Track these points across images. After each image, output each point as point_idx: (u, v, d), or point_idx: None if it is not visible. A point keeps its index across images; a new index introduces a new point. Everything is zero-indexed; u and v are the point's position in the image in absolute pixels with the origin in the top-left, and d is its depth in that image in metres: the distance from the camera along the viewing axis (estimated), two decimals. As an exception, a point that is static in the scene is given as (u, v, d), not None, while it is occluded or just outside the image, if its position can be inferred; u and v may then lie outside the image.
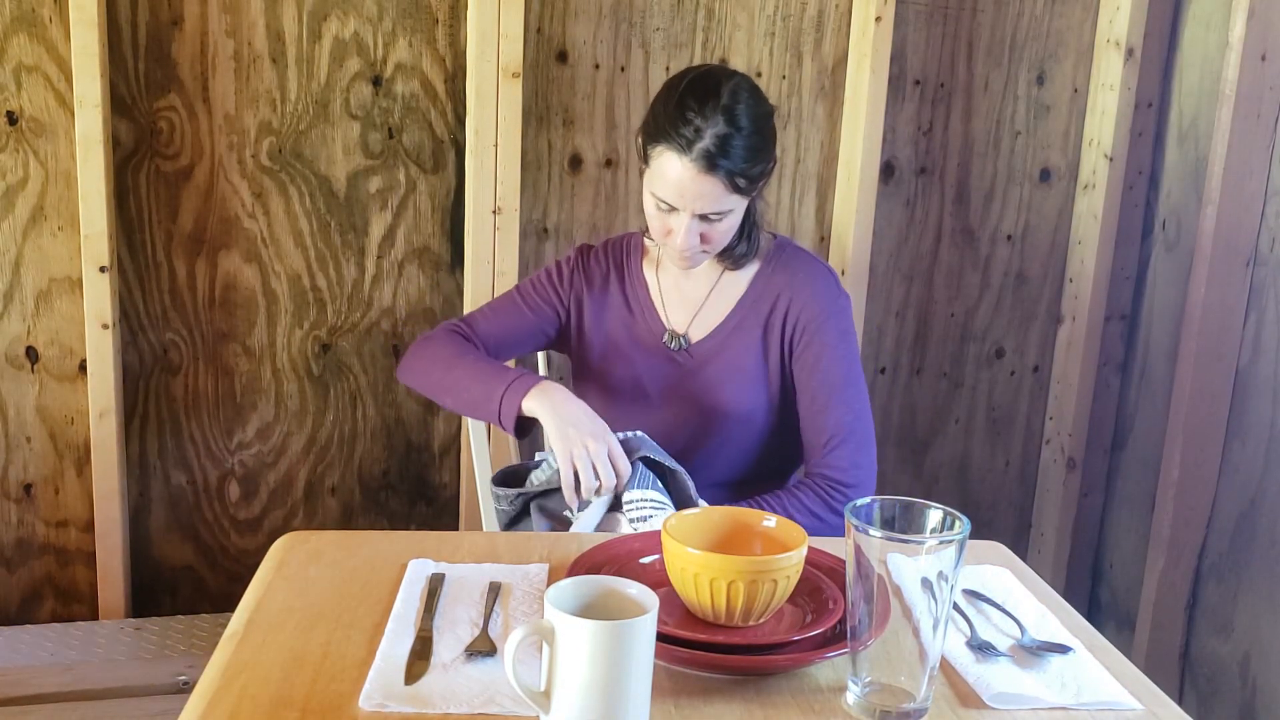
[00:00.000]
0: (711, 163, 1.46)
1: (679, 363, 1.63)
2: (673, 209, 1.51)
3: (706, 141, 1.45)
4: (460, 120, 2.23)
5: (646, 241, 1.71)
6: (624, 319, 1.68)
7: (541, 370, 1.98)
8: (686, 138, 1.46)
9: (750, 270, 1.65)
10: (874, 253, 2.46)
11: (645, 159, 1.54)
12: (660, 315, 1.66)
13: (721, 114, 1.46)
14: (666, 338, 1.65)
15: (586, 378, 1.70)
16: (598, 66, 2.28)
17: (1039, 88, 2.53)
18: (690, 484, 1.48)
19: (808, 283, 1.61)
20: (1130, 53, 2.44)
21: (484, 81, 2.15)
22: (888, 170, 2.48)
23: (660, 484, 1.46)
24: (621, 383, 1.66)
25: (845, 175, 2.41)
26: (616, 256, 1.72)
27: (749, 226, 1.62)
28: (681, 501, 1.47)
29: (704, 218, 1.51)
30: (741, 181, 1.49)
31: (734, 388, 1.60)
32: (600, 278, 1.70)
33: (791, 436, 1.64)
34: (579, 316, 1.70)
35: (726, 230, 1.55)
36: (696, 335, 1.64)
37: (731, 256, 1.62)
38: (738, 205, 1.53)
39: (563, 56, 2.26)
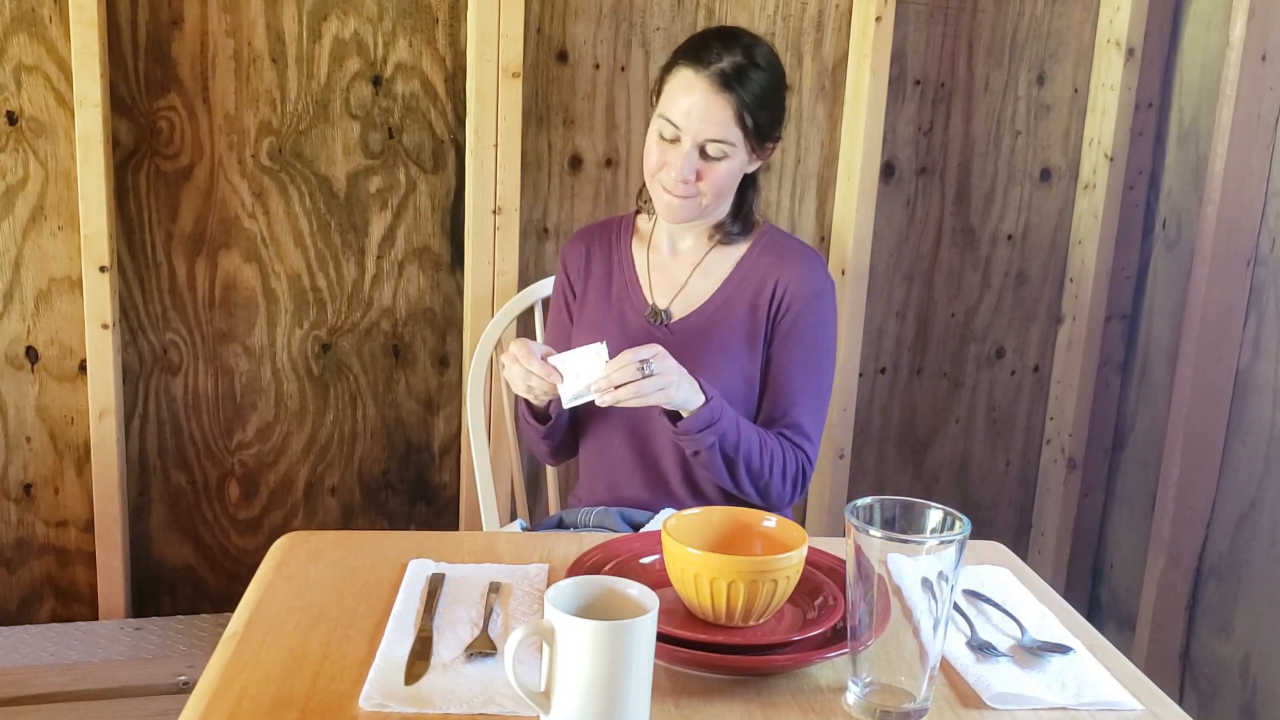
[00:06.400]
0: (726, 82, 1.51)
1: (659, 339, 1.63)
2: (676, 138, 1.54)
3: (724, 64, 1.52)
4: (460, 120, 2.23)
5: (639, 220, 1.74)
6: (608, 294, 1.70)
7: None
8: (706, 59, 1.52)
9: (737, 252, 1.66)
10: (874, 253, 2.46)
11: (659, 90, 1.58)
12: (644, 291, 1.68)
13: (741, 50, 1.53)
14: (649, 313, 1.66)
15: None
16: (598, 66, 2.28)
17: (1039, 88, 2.53)
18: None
19: (796, 264, 1.63)
20: (1130, 53, 2.44)
21: (484, 81, 2.15)
22: (888, 170, 2.48)
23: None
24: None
25: (845, 175, 2.41)
26: (605, 234, 1.75)
27: (745, 207, 1.64)
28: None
29: (704, 154, 1.53)
30: (748, 119, 1.52)
31: (714, 365, 1.60)
32: (583, 260, 1.74)
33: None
34: (578, 305, 1.74)
35: (722, 176, 1.56)
36: (679, 313, 1.65)
37: (723, 230, 1.65)
38: (738, 146, 1.55)
39: (563, 56, 2.26)
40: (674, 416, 1.50)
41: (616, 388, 1.40)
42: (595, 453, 1.70)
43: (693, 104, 1.52)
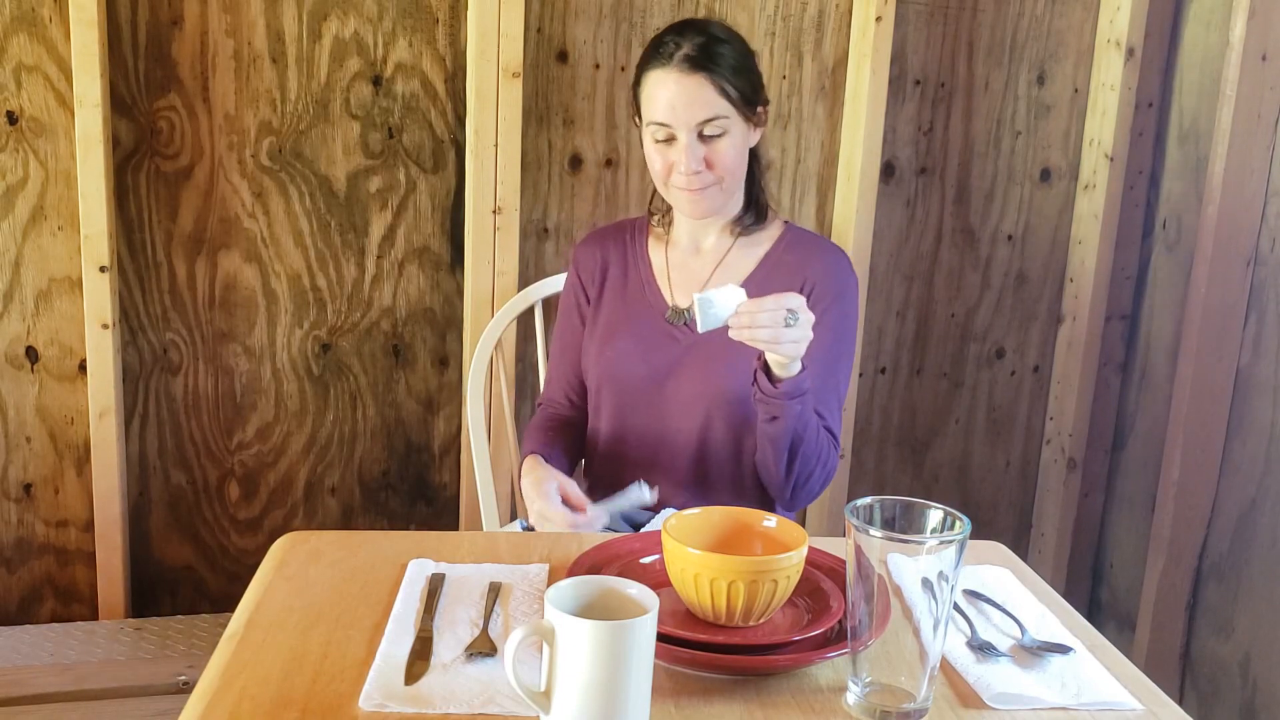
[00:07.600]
0: (694, 63, 1.52)
1: (680, 339, 1.62)
2: (670, 137, 1.55)
3: (686, 49, 1.53)
4: (460, 120, 2.23)
5: (652, 222, 1.72)
6: (626, 298, 1.68)
7: (542, 362, 1.99)
8: (668, 52, 1.53)
9: (760, 249, 1.65)
10: (874, 253, 2.46)
11: (636, 104, 1.59)
12: (663, 292, 1.66)
13: (696, 31, 1.55)
14: (669, 314, 1.64)
15: (596, 360, 1.69)
16: (598, 66, 2.28)
17: (1039, 88, 2.53)
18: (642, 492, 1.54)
19: (820, 258, 1.63)
20: (1130, 53, 2.44)
21: (484, 81, 2.15)
22: (888, 170, 2.48)
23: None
24: (626, 361, 1.65)
25: (845, 175, 2.41)
26: (618, 238, 1.73)
27: (755, 189, 1.64)
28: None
29: (702, 137, 1.53)
30: (730, 88, 1.52)
31: (738, 363, 1.57)
32: (599, 263, 1.72)
33: None
34: (593, 308, 1.72)
35: (728, 153, 1.55)
36: None
37: (740, 223, 1.64)
38: (731, 118, 1.54)
39: (563, 56, 2.26)
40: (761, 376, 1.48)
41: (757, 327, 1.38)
42: (606, 456, 1.69)
43: (672, 96, 1.52)
